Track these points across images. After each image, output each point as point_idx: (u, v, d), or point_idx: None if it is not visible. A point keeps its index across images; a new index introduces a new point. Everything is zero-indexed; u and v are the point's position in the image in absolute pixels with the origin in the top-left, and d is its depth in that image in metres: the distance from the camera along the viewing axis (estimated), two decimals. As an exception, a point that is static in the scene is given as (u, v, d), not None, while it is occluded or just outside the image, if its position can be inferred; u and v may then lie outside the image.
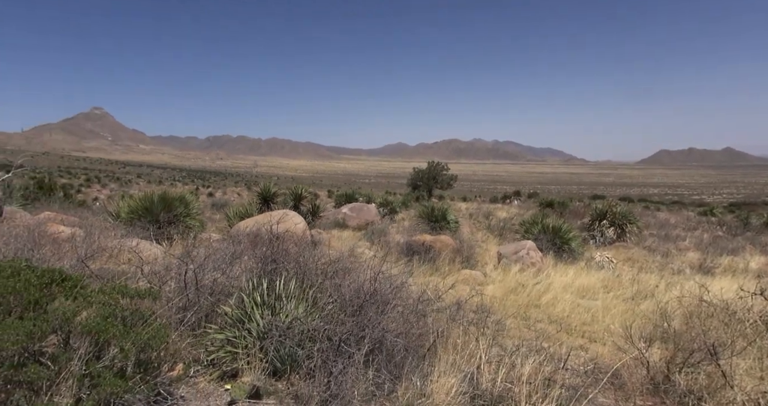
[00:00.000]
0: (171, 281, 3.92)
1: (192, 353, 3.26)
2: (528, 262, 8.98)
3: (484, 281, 7.61)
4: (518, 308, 6.05)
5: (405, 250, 8.90)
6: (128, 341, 2.51)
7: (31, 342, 2.34)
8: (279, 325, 3.17)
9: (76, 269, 3.88)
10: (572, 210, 21.94)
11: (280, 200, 14.67)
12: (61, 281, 2.74)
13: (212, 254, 4.41)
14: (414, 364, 3.16)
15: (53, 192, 15.95)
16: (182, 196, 10.07)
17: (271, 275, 3.89)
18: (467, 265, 8.80)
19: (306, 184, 23.50)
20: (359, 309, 3.36)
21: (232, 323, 3.36)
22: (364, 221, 15.32)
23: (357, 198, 21.99)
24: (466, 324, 3.97)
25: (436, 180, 43.75)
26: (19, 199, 12.41)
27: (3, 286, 2.51)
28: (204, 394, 2.97)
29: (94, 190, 45.96)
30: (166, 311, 3.37)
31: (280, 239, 4.60)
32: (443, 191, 45.80)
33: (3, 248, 4.55)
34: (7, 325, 2.26)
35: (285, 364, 3.19)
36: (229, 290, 3.80)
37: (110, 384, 2.33)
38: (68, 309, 2.50)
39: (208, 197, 37.86)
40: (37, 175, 20.86)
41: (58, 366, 2.34)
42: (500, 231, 15.71)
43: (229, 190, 60.43)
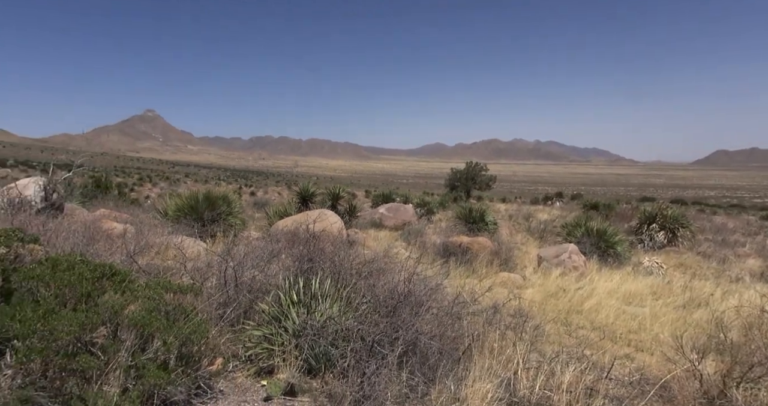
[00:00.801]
0: (212, 278, 4.06)
1: (231, 348, 3.35)
2: (570, 266, 8.66)
3: (522, 285, 7.40)
4: (559, 313, 5.84)
5: (441, 251, 8.80)
6: (171, 334, 2.61)
7: (83, 333, 2.48)
8: (314, 324, 3.21)
9: (125, 264, 4.09)
10: (619, 213, 20.99)
11: (318, 200, 14.89)
12: (111, 276, 2.89)
13: (251, 252, 4.53)
14: (448, 367, 3.11)
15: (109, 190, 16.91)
16: (225, 195, 10.41)
17: (307, 274, 3.94)
18: (505, 268, 8.60)
19: (344, 184, 23.77)
20: (393, 310, 3.35)
21: (269, 320, 3.44)
22: (400, 221, 15.30)
23: (394, 198, 21.99)
24: (503, 328, 3.87)
25: (474, 181, 43.09)
26: (78, 196, 13.26)
27: (59, 279, 2.67)
28: (241, 389, 3.04)
29: (145, 189, 48.46)
30: (207, 307, 3.48)
31: (317, 238, 4.66)
32: (482, 192, 45.04)
33: (62, 242, 4.87)
34: (62, 316, 2.40)
35: (319, 362, 3.22)
36: (266, 288, 3.88)
37: (154, 376, 2.43)
38: (117, 302, 2.63)
39: (250, 196, 39.07)
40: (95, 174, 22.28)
41: (107, 357, 2.47)
42: (541, 233, 15.25)
43: (270, 190, 62.09)
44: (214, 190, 10.97)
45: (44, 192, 8.58)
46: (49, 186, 8.70)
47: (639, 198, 56.43)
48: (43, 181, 8.83)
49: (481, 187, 43.79)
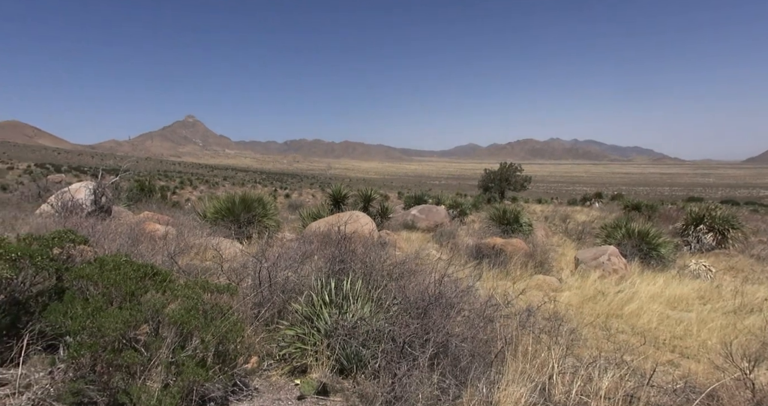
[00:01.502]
0: (248, 278, 4.18)
1: (265, 347, 3.44)
2: (609, 268, 8.35)
3: (559, 288, 7.20)
4: (597, 317, 5.64)
5: (474, 253, 8.69)
6: (208, 333, 2.71)
7: (127, 330, 2.61)
8: (345, 324, 3.25)
9: (166, 265, 4.27)
10: (662, 213, 20.06)
11: (351, 202, 15.03)
12: (153, 275, 3.02)
13: (285, 253, 4.62)
14: (480, 370, 3.07)
15: (152, 194, 17.72)
16: (260, 197, 10.69)
17: (338, 275, 3.99)
18: (541, 270, 8.39)
19: (376, 186, 23.88)
20: (424, 312, 3.34)
21: (302, 320, 3.50)
22: (433, 223, 15.22)
23: (426, 200, 21.90)
24: (538, 332, 3.78)
25: (508, 182, 42.30)
26: (125, 199, 13.97)
27: (106, 278, 2.82)
28: (276, 387, 3.11)
29: (186, 192, 50.39)
30: (243, 306, 3.59)
31: (348, 239, 4.71)
32: (516, 193, 44.15)
33: (110, 243, 5.14)
34: (108, 313, 2.54)
35: (351, 363, 3.25)
36: (299, 288, 3.96)
37: (193, 373, 2.52)
38: (158, 301, 2.75)
39: (285, 199, 39.90)
40: (139, 178, 23.39)
41: (149, 353, 2.59)
42: (578, 235, 14.79)
43: (305, 192, 63.20)
44: (250, 193, 11.28)
45: (94, 196, 9.09)
46: (98, 190, 9.21)
47: (685, 198, 53.73)
48: (93, 185, 9.35)
49: (515, 188, 42.95)
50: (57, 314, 2.60)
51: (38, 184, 15.63)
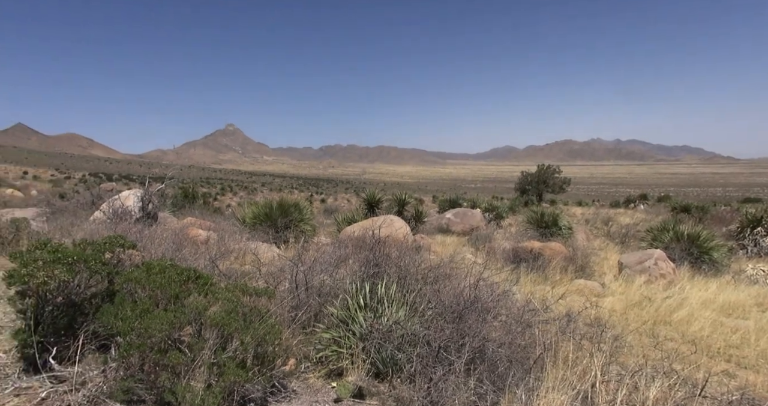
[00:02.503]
0: (285, 282, 4.27)
1: (302, 349, 3.50)
2: (656, 273, 7.97)
3: (601, 293, 6.93)
4: (643, 324, 5.39)
5: (511, 257, 8.51)
6: (248, 335, 2.79)
7: (172, 331, 2.72)
8: (380, 328, 3.26)
9: (208, 269, 4.43)
10: (715, 215, 18.95)
11: (385, 206, 15.08)
12: (196, 279, 3.15)
13: (320, 257, 4.70)
14: (518, 376, 3.00)
15: (195, 200, 18.45)
16: (297, 202, 10.91)
17: (373, 279, 4.01)
18: (581, 275, 8.11)
19: (410, 190, 23.86)
20: (459, 316, 3.30)
21: (338, 323, 3.54)
22: (468, 227, 15.03)
23: (461, 203, 21.64)
24: (579, 338, 3.66)
25: (546, 184, 41.25)
26: (169, 206, 14.60)
27: (153, 281, 2.96)
28: (313, 390, 3.16)
29: (227, 198, 52.11)
30: (280, 309, 3.67)
31: (383, 243, 4.72)
32: (555, 195, 42.98)
33: (156, 248, 5.39)
34: (155, 315, 2.67)
35: (386, 366, 3.26)
36: (335, 292, 4.01)
37: (233, 374, 2.60)
38: (200, 304, 2.86)
39: (321, 203, 40.53)
40: (183, 185, 24.44)
41: (192, 354, 2.69)
42: (622, 238, 14.19)
43: (340, 197, 63.97)
44: (287, 198, 11.53)
45: (141, 203, 9.55)
46: (145, 197, 9.68)
47: (740, 199, 50.53)
48: (140, 193, 9.84)
49: (554, 190, 41.82)
50: (108, 316, 2.75)
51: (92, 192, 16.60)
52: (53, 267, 2.91)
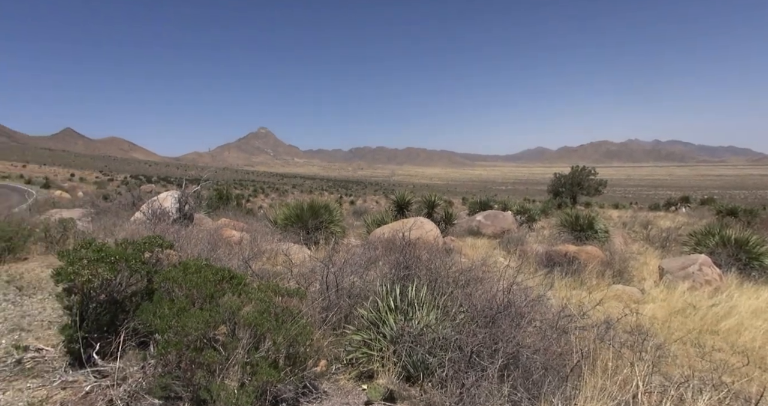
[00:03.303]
0: (315, 283, 4.30)
1: (333, 351, 3.50)
2: (701, 279, 7.57)
3: (641, 299, 6.65)
4: (687, 332, 5.13)
5: (544, 260, 8.29)
6: (280, 335, 2.81)
7: (208, 330, 2.78)
8: (411, 331, 3.23)
9: (241, 269, 4.52)
10: (765, 219, 17.89)
11: (414, 208, 15.02)
12: (230, 279, 3.21)
13: (350, 259, 4.71)
14: (554, 384, 2.90)
15: (229, 201, 18.91)
16: (327, 204, 11.00)
17: (403, 281, 3.99)
18: (619, 280, 7.81)
19: (440, 192, 23.67)
20: (492, 321, 3.23)
21: (368, 325, 3.53)
22: (499, 229, 14.77)
23: (492, 205, 21.31)
24: (618, 346, 3.51)
25: (581, 186, 40.06)
26: (205, 207, 15.04)
27: (189, 281, 3.04)
28: (344, 391, 3.16)
29: (259, 200, 53.28)
30: (311, 310, 3.69)
31: (413, 245, 4.69)
32: (590, 198, 41.68)
33: (192, 248, 5.55)
34: (191, 314, 2.73)
35: (417, 370, 3.22)
36: (365, 294, 4.00)
37: (266, 373, 2.63)
38: (234, 303, 2.91)
39: (350, 205, 40.84)
40: (218, 187, 25.16)
41: (227, 353, 2.74)
42: (662, 243, 13.60)
43: (369, 199, 64.24)
44: (317, 200, 11.65)
45: (179, 204, 9.88)
46: (182, 199, 10.00)
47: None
48: (177, 194, 10.17)
49: (589, 192, 40.57)
50: (148, 314, 2.84)
51: (133, 193, 17.31)
52: (97, 266, 3.03)
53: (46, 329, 4.08)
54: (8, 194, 34.91)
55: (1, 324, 4.26)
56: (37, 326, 4.21)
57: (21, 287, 5.54)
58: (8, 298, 5.13)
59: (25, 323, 4.30)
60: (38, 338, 3.82)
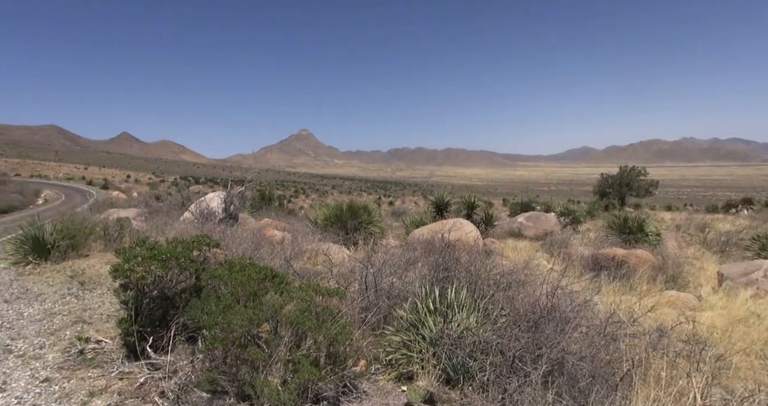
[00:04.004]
0: (355, 283, 4.33)
1: (372, 351, 3.52)
2: (766, 287, 7.03)
3: (697, 307, 6.26)
4: (751, 343, 4.76)
5: (590, 264, 7.97)
6: (320, 334, 2.86)
7: (251, 327, 2.86)
8: (450, 333, 3.19)
9: (283, 268, 4.63)
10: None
11: (453, 209, 14.86)
12: (272, 278, 3.29)
13: (389, 260, 4.71)
14: (603, 393, 2.77)
15: (271, 202, 19.45)
16: (366, 205, 11.09)
17: (442, 283, 3.95)
18: (673, 285, 7.39)
19: (479, 193, 23.28)
20: (535, 325, 3.14)
21: (407, 326, 3.52)
22: (541, 231, 14.35)
23: (534, 206, 20.73)
24: (673, 355, 3.31)
25: (630, 186, 38.22)
26: (248, 207, 15.54)
27: (234, 279, 3.14)
28: (383, 392, 3.16)
29: (300, 200, 54.47)
30: (350, 310, 3.72)
31: (452, 247, 4.64)
32: (640, 199, 39.70)
33: (236, 247, 5.74)
34: (236, 311, 2.82)
35: (458, 373, 3.17)
36: (404, 295, 3.99)
37: (307, 371, 2.67)
38: (276, 302, 2.98)
39: (389, 206, 40.95)
40: (261, 188, 25.94)
41: (269, 350, 2.81)
42: (721, 247, 12.74)
43: (407, 199, 64.19)
44: (356, 200, 11.77)
45: (224, 204, 10.25)
46: (227, 199, 10.37)
47: None
48: (223, 195, 10.57)
49: (638, 193, 38.66)
50: (196, 310, 2.96)
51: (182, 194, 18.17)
52: (150, 263, 3.20)
53: (105, 322, 4.35)
54: (72, 195, 37.56)
55: (66, 316, 4.58)
56: (97, 318, 4.50)
57: (83, 281, 5.94)
58: (72, 292, 5.51)
59: (87, 315, 4.60)
60: (98, 330, 4.08)
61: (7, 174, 57.75)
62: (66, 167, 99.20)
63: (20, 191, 31.92)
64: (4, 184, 36.14)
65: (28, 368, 3.36)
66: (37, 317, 4.57)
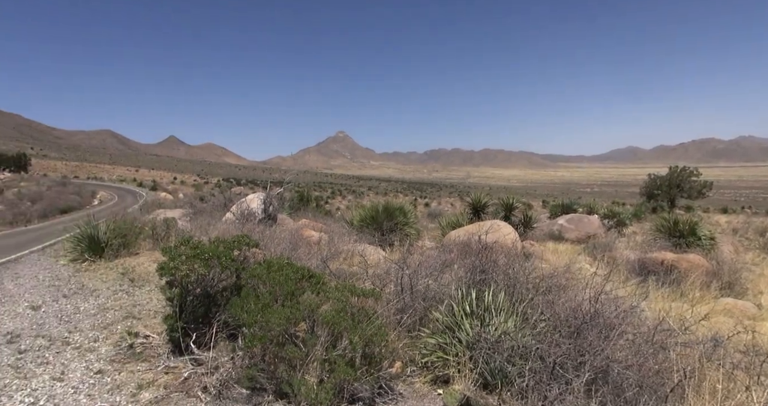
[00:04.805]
0: (390, 284, 4.33)
1: (407, 353, 3.50)
2: (835, 295, 6.47)
3: (757, 315, 5.84)
4: (819, 357, 4.39)
5: (637, 269, 7.61)
6: (356, 334, 2.87)
7: (289, 326, 2.91)
8: (487, 337, 3.12)
9: (319, 268, 4.69)
10: None
11: (491, 211, 14.58)
12: (309, 278, 3.34)
13: (425, 261, 4.67)
14: (651, 405, 2.63)
15: (308, 203, 19.78)
16: (402, 206, 11.08)
17: (479, 286, 3.87)
18: (729, 293, 6.93)
19: (518, 194, 22.72)
20: (577, 331, 3.02)
21: (443, 329, 3.48)
22: (584, 234, 13.84)
23: (575, 208, 20.02)
24: (730, 367, 3.10)
25: (680, 188, 36.20)
26: (287, 208, 15.88)
27: (272, 278, 3.21)
28: (419, 394, 3.13)
29: (336, 201, 55.15)
30: (386, 311, 3.72)
31: (489, 249, 4.55)
32: (691, 201, 37.52)
33: (275, 247, 5.87)
34: (274, 310, 2.88)
35: (495, 378, 3.10)
36: (439, 297, 3.95)
37: (343, 371, 2.69)
38: (313, 302, 3.02)
39: (424, 207, 40.73)
40: (299, 189, 26.46)
41: (306, 349, 2.85)
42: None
43: (443, 201, 63.64)
44: (392, 202, 11.77)
45: (264, 205, 10.53)
46: (267, 200, 10.65)
47: None
48: (263, 196, 10.85)
49: (690, 195, 36.54)
50: (236, 308, 3.04)
51: (224, 195, 18.81)
52: (193, 262, 3.32)
53: (152, 318, 4.56)
54: (124, 196, 39.74)
55: (117, 311, 4.84)
56: (145, 314, 4.72)
57: (133, 279, 6.26)
58: (123, 288, 5.81)
59: (136, 311, 4.84)
60: (146, 325, 4.28)
61: (68, 176, 61.96)
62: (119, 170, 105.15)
63: (78, 193, 34.13)
64: (64, 186, 38.77)
65: (83, 359, 3.57)
66: (91, 312, 4.86)
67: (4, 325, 4.50)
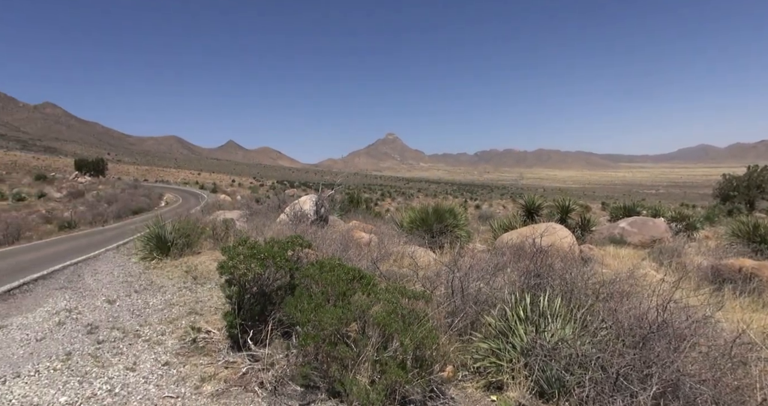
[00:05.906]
0: (440, 287, 4.28)
1: (459, 357, 3.44)
2: None
3: None
4: None
5: (710, 276, 7.03)
6: (407, 336, 2.86)
7: (341, 326, 2.95)
8: (543, 344, 3.00)
9: (369, 269, 4.72)
10: None
11: (545, 213, 14.04)
12: (360, 278, 3.37)
13: (476, 264, 4.58)
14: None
15: (359, 205, 20.05)
16: (452, 208, 10.93)
17: (534, 290, 3.74)
18: (821, 304, 6.22)
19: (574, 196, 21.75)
20: (642, 341, 2.83)
21: (495, 334, 3.39)
22: (648, 238, 12.99)
23: (639, 211, 18.82)
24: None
25: (761, 189, 33.03)
26: (338, 210, 16.18)
27: (324, 278, 3.28)
28: (472, 400, 3.07)
29: (386, 203, 55.46)
30: (436, 314, 3.68)
31: (544, 253, 4.38)
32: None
33: (326, 248, 5.99)
34: (326, 310, 2.93)
35: (552, 387, 2.98)
36: (492, 301, 3.85)
37: (394, 373, 2.69)
38: (364, 303, 3.05)
39: (475, 210, 40.00)
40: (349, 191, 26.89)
41: (357, 349, 2.87)
42: None
43: (495, 203, 62.20)
44: (442, 204, 11.65)
45: (316, 207, 10.79)
46: (318, 202, 10.91)
47: None
48: (315, 198, 11.13)
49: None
50: (290, 307, 3.13)
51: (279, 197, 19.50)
52: (250, 261, 3.46)
53: (213, 314, 4.80)
54: (188, 198, 42.27)
55: (182, 307, 5.14)
56: (206, 310, 4.98)
57: (196, 276, 6.63)
58: (186, 285, 6.17)
59: (198, 307, 5.12)
60: (207, 321, 4.51)
61: (138, 180, 66.96)
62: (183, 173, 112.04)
63: (148, 195, 36.77)
64: (135, 189, 41.92)
65: (152, 351, 3.83)
66: (159, 307, 5.19)
67: (85, 317, 4.93)
